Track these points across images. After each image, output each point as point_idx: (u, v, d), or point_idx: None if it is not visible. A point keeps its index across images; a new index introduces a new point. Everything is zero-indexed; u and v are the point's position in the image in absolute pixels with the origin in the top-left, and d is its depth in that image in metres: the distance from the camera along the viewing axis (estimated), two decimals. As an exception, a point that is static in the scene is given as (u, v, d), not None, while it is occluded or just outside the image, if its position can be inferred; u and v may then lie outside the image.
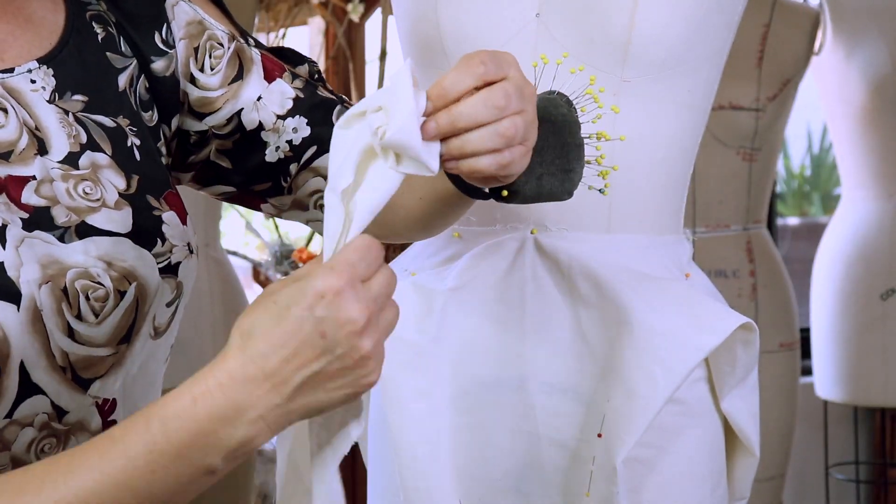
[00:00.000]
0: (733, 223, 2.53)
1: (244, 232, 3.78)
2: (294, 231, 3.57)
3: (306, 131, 1.11)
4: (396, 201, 1.04)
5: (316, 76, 1.15)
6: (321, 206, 1.13)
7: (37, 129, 0.95)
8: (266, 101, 1.10)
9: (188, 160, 1.12)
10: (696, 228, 2.49)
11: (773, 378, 2.50)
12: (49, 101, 0.97)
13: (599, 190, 1.06)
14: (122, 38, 1.05)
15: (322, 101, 1.13)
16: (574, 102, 0.98)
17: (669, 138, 1.22)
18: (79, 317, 0.91)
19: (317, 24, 2.85)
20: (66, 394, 0.92)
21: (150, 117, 1.06)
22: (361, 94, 2.66)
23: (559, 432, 1.21)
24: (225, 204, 2.53)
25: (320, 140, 1.11)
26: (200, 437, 0.80)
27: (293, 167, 1.12)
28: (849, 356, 2.72)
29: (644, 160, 1.21)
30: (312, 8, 2.59)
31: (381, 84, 2.56)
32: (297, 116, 1.11)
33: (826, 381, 2.80)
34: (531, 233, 1.21)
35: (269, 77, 1.11)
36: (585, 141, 0.99)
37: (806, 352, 3.00)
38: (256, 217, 3.85)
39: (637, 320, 1.15)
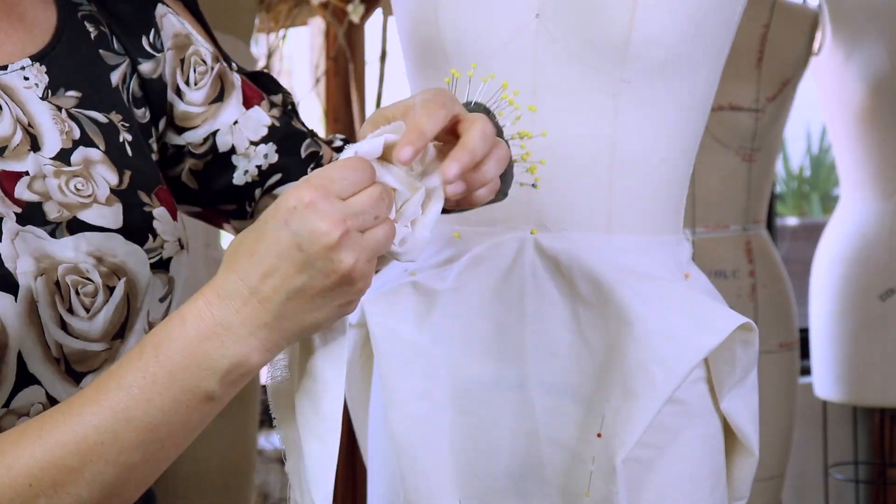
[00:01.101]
0: (733, 223, 2.53)
1: (244, 232, 3.78)
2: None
3: (274, 158, 1.14)
4: None
5: (289, 107, 1.18)
6: None
7: (30, 125, 0.96)
8: (242, 126, 1.13)
9: (163, 172, 1.13)
10: (696, 228, 2.49)
11: (772, 378, 2.50)
12: (42, 98, 0.98)
13: (532, 185, 1.08)
14: (114, 38, 1.06)
15: (294, 133, 1.15)
16: (492, 108, 1.00)
17: (669, 139, 1.22)
18: (70, 311, 0.92)
19: (317, 24, 2.86)
20: (60, 385, 0.93)
21: (143, 114, 1.08)
22: (361, 95, 2.66)
23: (559, 432, 1.21)
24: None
25: (286, 169, 1.14)
26: (192, 357, 0.80)
27: (258, 192, 1.14)
28: (848, 356, 2.72)
29: (644, 160, 1.21)
30: (313, 9, 2.59)
31: (381, 85, 2.56)
32: (269, 143, 1.13)
33: (825, 381, 2.80)
34: (531, 233, 1.21)
35: (248, 104, 1.13)
36: (510, 142, 1.02)
37: (805, 352, 3.00)
38: (256, 217, 3.84)
39: (637, 320, 1.15)
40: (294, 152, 1.14)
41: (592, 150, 1.20)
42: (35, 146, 0.96)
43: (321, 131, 2.85)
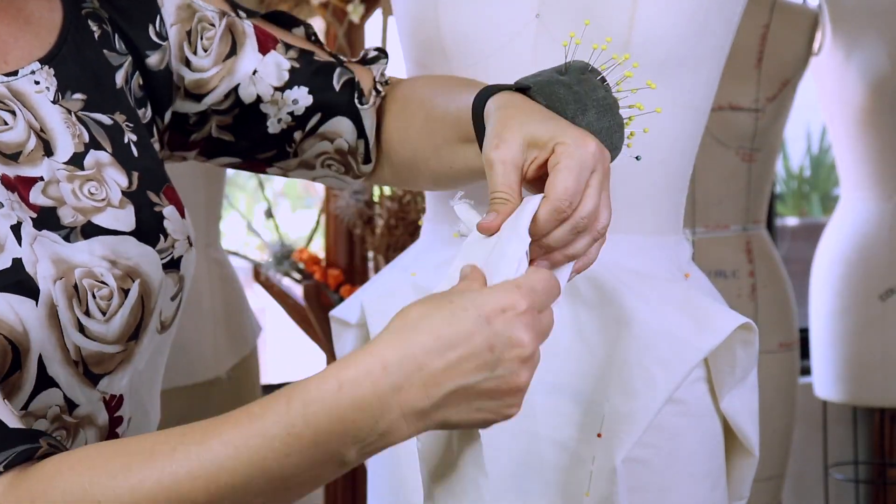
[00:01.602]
0: (733, 223, 2.53)
1: (244, 232, 3.78)
2: (294, 231, 3.56)
3: (308, 100, 1.12)
4: (423, 162, 1.07)
5: (313, 38, 1.16)
6: (328, 165, 1.14)
7: (42, 130, 0.96)
8: (262, 74, 1.11)
9: (190, 139, 1.13)
10: (696, 229, 2.49)
11: (772, 378, 2.50)
12: (53, 102, 0.98)
13: (636, 157, 1.05)
14: (116, 36, 1.06)
15: (321, 67, 1.13)
16: (607, 78, 0.98)
17: (669, 138, 1.22)
18: (87, 314, 0.92)
19: (317, 24, 2.85)
20: (78, 387, 0.94)
21: (144, 114, 1.07)
22: (361, 95, 2.66)
23: (559, 432, 1.21)
24: (225, 204, 2.54)
25: (325, 106, 1.12)
26: (340, 424, 0.77)
27: (297, 135, 1.13)
28: (848, 356, 2.72)
29: (644, 160, 1.21)
30: (312, 9, 2.59)
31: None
32: (297, 87, 1.12)
33: (825, 381, 2.80)
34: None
35: (264, 49, 1.11)
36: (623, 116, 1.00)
37: (805, 352, 3.00)
38: (257, 218, 3.85)
39: (637, 320, 1.15)
40: (327, 87, 1.12)
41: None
42: (48, 151, 0.96)
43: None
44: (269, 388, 2.69)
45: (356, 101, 1.13)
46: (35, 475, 0.79)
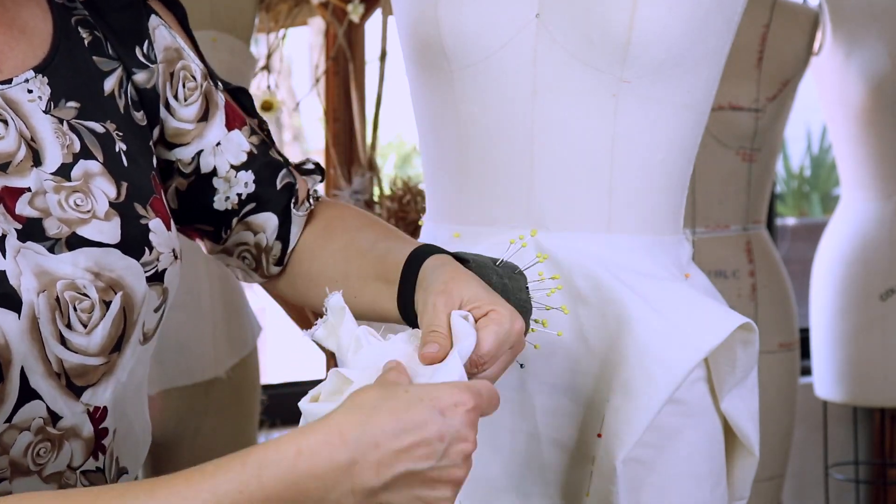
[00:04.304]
0: (733, 223, 2.53)
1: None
2: (294, 231, 3.53)
3: (252, 188, 1.14)
4: (326, 282, 1.10)
5: (266, 134, 1.18)
6: (243, 257, 1.18)
7: (32, 140, 0.96)
8: (224, 149, 1.13)
9: None
10: (696, 229, 2.49)
11: (772, 378, 2.50)
12: (45, 112, 0.98)
13: (534, 346, 1.15)
14: (108, 43, 1.06)
15: (271, 162, 1.15)
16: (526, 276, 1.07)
17: (669, 139, 1.22)
18: (69, 326, 0.92)
19: (317, 24, 2.85)
20: (61, 399, 0.93)
21: (142, 117, 1.07)
22: (361, 95, 2.66)
23: (559, 432, 1.21)
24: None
25: (260, 199, 1.14)
26: (293, 491, 0.78)
27: (234, 220, 1.15)
28: (848, 356, 2.72)
29: (644, 160, 1.21)
30: (313, 8, 2.59)
31: (381, 85, 2.56)
32: (248, 171, 1.14)
33: (825, 381, 2.80)
34: (531, 233, 1.21)
35: (230, 126, 1.13)
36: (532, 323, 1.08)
37: (805, 352, 3.00)
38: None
39: (637, 320, 1.15)
40: (270, 182, 1.15)
41: (592, 150, 1.20)
42: (37, 161, 0.95)
43: (321, 131, 2.85)
44: (269, 389, 2.69)
45: (292, 205, 1.15)
46: None
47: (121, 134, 1.03)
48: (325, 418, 0.80)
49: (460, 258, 1.04)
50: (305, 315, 2.36)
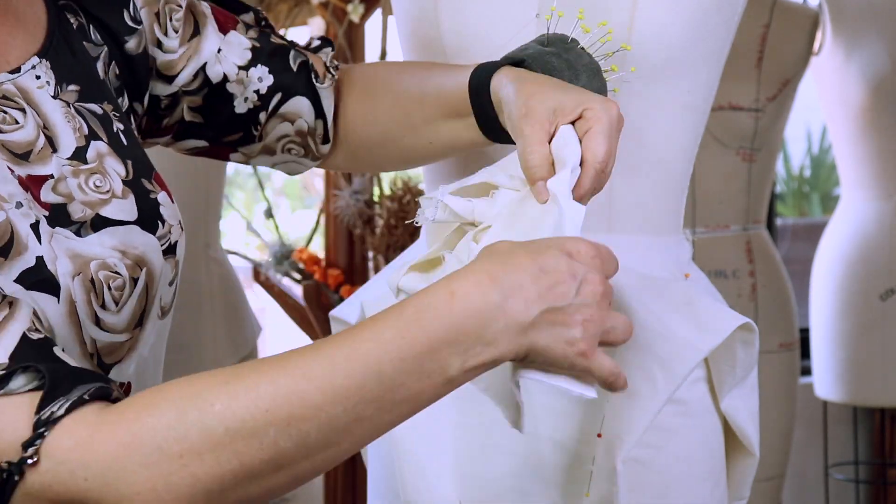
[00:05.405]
0: (733, 223, 2.54)
1: (244, 232, 3.78)
2: (294, 231, 3.56)
3: (269, 80, 1.14)
4: (392, 141, 1.12)
5: (263, 23, 1.18)
6: (289, 149, 1.17)
7: (46, 127, 0.97)
8: (226, 53, 1.13)
9: (163, 124, 1.15)
10: (696, 229, 2.49)
11: (772, 378, 2.50)
12: (54, 97, 0.99)
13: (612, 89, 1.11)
14: (91, 26, 1.07)
15: (277, 48, 1.15)
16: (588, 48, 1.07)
17: (669, 139, 1.22)
18: (103, 306, 0.94)
19: (317, 24, 2.85)
20: None
21: (122, 103, 1.08)
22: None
23: (559, 432, 1.21)
24: (225, 203, 2.54)
25: (283, 87, 1.14)
26: (451, 331, 0.80)
27: (262, 115, 1.15)
28: (848, 356, 2.72)
29: (644, 160, 1.21)
30: (313, 8, 2.59)
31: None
32: (259, 66, 1.14)
33: (825, 381, 2.80)
34: (531, 233, 1.21)
35: (223, 29, 1.14)
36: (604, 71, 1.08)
37: (805, 352, 3.00)
38: (257, 217, 3.85)
39: (637, 320, 1.15)
40: (285, 68, 1.15)
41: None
42: (53, 147, 0.97)
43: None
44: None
45: (314, 80, 1.15)
46: (134, 400, 0.79)
47: (117, 115, 1.05)
48: (468, 266, 0.83)
49: (517, 61, 1.04)
50: (305, 315, 2.36)
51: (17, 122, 0.95)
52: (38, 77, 0.99)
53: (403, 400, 0.81)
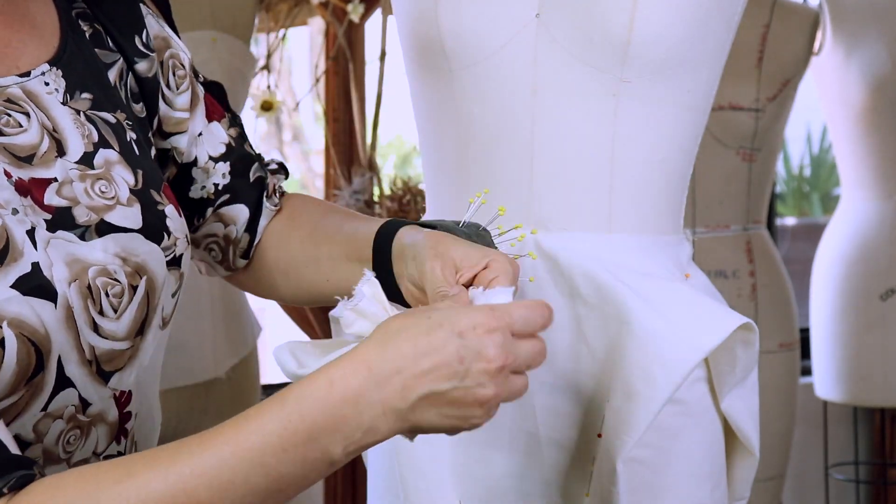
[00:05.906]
0: (733, 223, 2.53)
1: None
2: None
3: (227, 179, 1.16)
4: (295, 270, 1.15)
5: (241, 129, 1.21)
6: (210, 249, 1.20)
7: (54, 130, 0.98)
8: (204, 140, 1.15)
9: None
10: (696, 229, 2.49)
11: (772, 378, 2.50)
12: (63, 103, 1.00)
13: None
14: (107, 36, 1.08)
15: (246, 156, 1.18)
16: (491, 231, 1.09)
17: (669, 139, 1.22)
18: (101, 312, 0.94)
19: (317, 24, 2.85)
20: (91, 386, 0.95)
21: (141, 109, 1.09)
22: (361, 95, 2.66)
23: (559, 432, 1.21)
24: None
25: (234, 191, 1.17)
26: (331, 419, 0.82)
27: (209, 210, 1.17)
28: (848, 356, 2.72)
29: (644, 160, 1.21)
30: (313, 8, 2.59)
31: (381, 84, 2.56)
32: (226, 163, 1.16)
33: (826, 381, 2.80)
34: (531, 233, 1.21)
35: (209, 117, 1.16)
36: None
37: (805, 352, 3.00)
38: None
39: (637, 320, 1.15)
40: (244, 175, 1.17)
41: (592, 150, 1.20)
42: (61, 151, 0.98)
43: (321, 131, 2.85)
44: (269, 388, 2.69)
45: (264, 198, 1.18)
46: (37, 489, 0.81)
47: (130, 123, 1.05)
48: (350, 352, 0.84)
49: (427, 225, 1.06)
50: (305, 315, 2.36)
51: (20, 126, 0.95)
52: (46, 84, 1.00)
53: (290, 485, 0.83)
